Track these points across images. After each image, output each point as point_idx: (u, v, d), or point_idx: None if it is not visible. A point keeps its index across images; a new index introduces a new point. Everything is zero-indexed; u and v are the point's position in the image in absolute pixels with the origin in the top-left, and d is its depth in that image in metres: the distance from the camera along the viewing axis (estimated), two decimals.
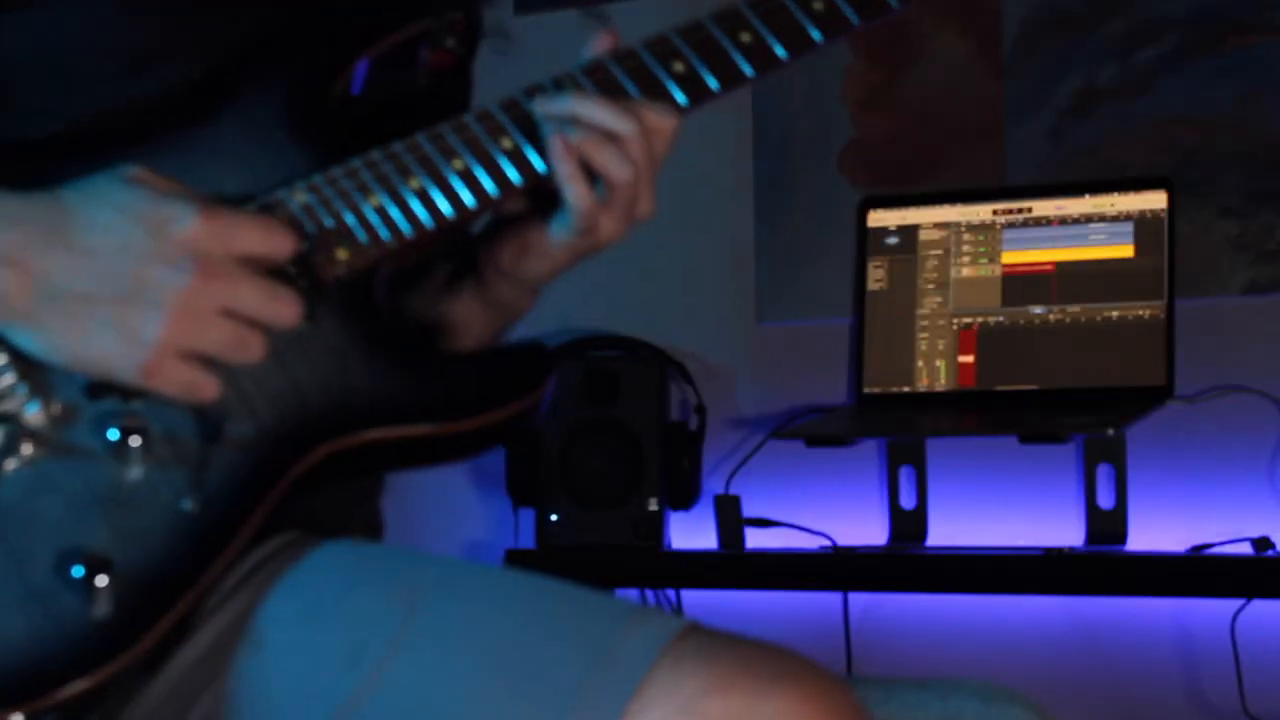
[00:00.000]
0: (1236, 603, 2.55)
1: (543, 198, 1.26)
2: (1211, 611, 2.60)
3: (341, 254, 1.19)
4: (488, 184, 1.23)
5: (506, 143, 1.24)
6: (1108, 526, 2.60)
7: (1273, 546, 2.47)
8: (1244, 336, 2.71)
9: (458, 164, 1.23)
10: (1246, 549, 2.48)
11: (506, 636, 1.13)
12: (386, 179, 1.21)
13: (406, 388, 1.19)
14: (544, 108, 1.23)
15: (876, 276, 2.84)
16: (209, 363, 1.11)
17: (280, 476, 1.15)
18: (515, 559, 2.75)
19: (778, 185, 3.05)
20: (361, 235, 1.19)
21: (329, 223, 1.19)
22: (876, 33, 2.98)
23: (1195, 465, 2.70)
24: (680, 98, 1.26)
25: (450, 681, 1.12)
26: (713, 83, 1.27)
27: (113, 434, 1.11)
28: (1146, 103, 2.79)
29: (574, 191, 1.22)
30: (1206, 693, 2.67)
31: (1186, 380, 2.62)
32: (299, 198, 1.19)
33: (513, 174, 1.23)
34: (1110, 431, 2.49)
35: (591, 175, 1.23)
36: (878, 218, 2.86)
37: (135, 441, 1.11)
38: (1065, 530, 2.68)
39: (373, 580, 1.20)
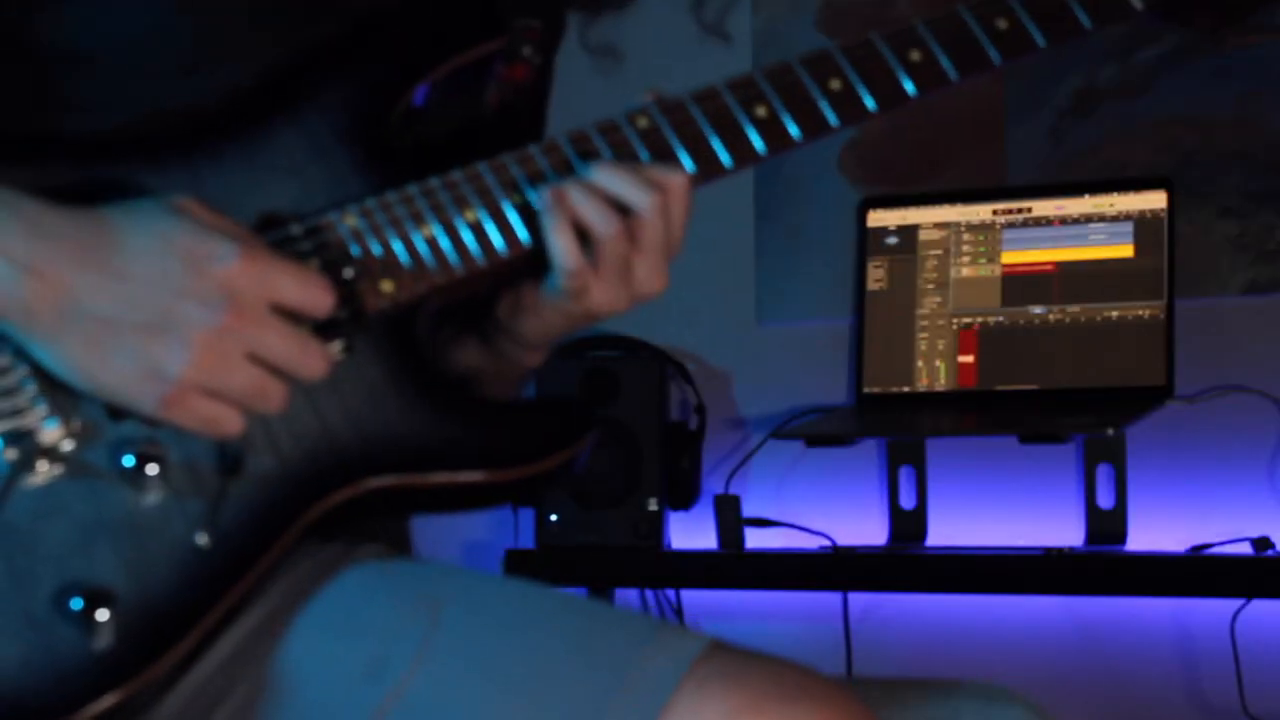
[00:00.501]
0: (1236, 603, 2.55)
1: (539, 254, 1.19)
2: (1211, 611, 2.60)
3: (387, 285, 1.14)
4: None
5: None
6: (1107, 526, 2.60)
7: (1272, 546, 2.47)
8: (1244, 336, 2.71)
9: (517, 198, 1.17)
10: (1246, 549, 2.48)
11: (530, 653, 1.12)
12: (442, 209, 1.16)
13: (440, 434, 1.15)
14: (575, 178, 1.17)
15: (876, 276, 2.84)
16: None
17: (298, 516, 1.12)
18: (515, 559, 2.75)
19: (778, 185, 3.05)
20: (410, 267, 1.15)
21: (377, 250, 1.14)
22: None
23: (1195, 465, 2.70)
24: (759, 145, 1.21)
25: (473, 698, 1.11)
26: (794, 130, 1.21)
27: (128, 460, 1.08)
28: (1146, 103, 2.79)
29: (559, 246, 1.16)
30: (1206, 693, 2.67)
31: (1186, 380, 2.62)
32: (349, 221, 1.15)
33: None
34: (1110, 431, 2.49)
35: (584, 236, 1.17)
36: (878, 218, 2.86)
37: (152, 469, 1.08)
38: (1065, 530, 2.68)
39: (394, 593, 1.18)
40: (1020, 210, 2.76)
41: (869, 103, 1.23)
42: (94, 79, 1.20)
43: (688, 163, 1.20)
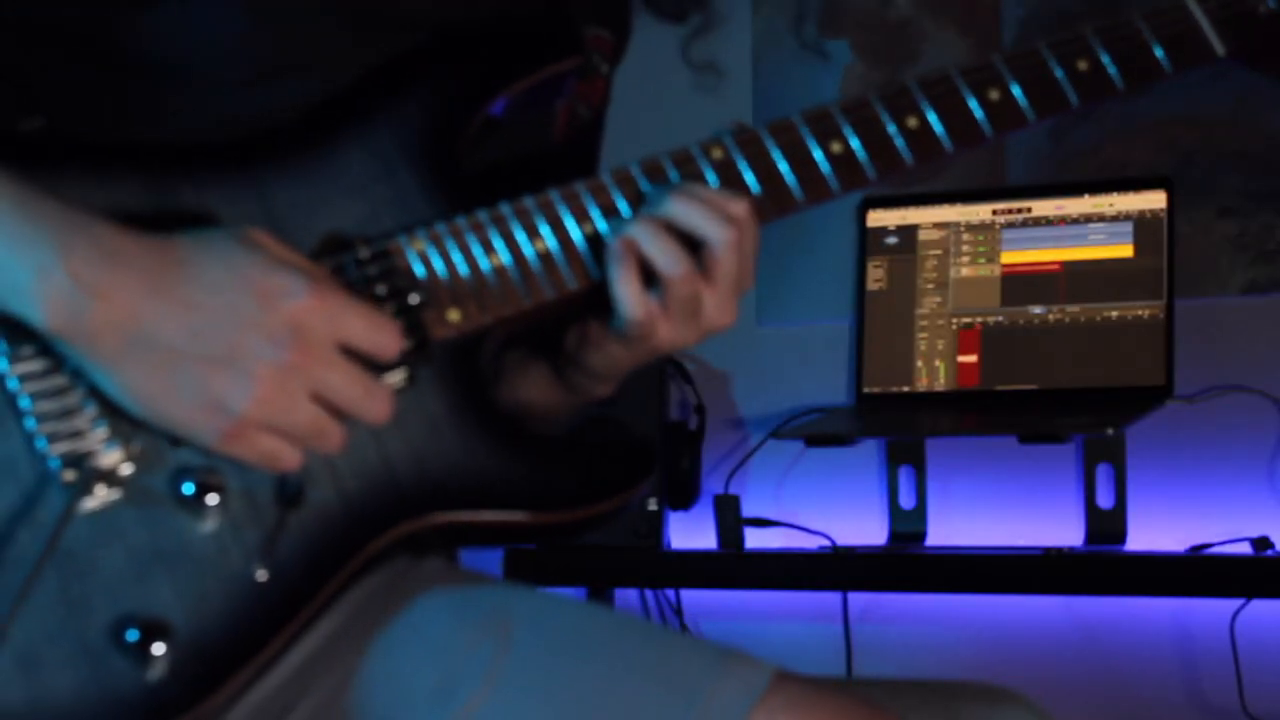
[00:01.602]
0: (1236, 603, 2.55)
1: (605, 289, 1.16)
2: (1211, 611, 2.60)
3: (453, 315, 1.12)
4: None
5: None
6: (1107, 526, 2.60)
7: (1272, 546, 2.47)
8: (1244, 336, 2.71)
9: (589, 229, 1.14)
10: (1246, 549, 2.48)
11: (600, 679, 1.10)
12: (512, 238, 1.13)
13: (501, 470, 1.12)
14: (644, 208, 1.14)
15: (876, 276, 2.84)
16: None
17: (358, 551, 1.10)
18: (515, 558, 2.75)
19: None
20: (477, 297, 1.12)
21: (444, 278, 1.12)
22: (875, 32, 2.98)
23: (1195, 465, 2.70)
24: (832, 181, 1.19)
25: None
26: (868, 168, 1.19)
27: (188, 488, 1.06)
28: (1146, 103, 2.79)
29: (624, 295, 1.13)
30: (1206, 693, 2.67)
31: (1186, 380, 2.62)
32: (417, 246, 1.12)
33: None
34: (1110, 431, 2.49)
35: (650, 278, 1.14)
36: (877, 218, 2.86)
37: (212, 500, 1.06)
38: (1065, 530, 2.68)
39: (465, 614, 1.16)
40: (1020, 210, 2.76)
41: (945, 142, 1.20)
42: (170, 88, 1.18)
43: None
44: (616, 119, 1.44)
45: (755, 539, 2.76)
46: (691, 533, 2.85)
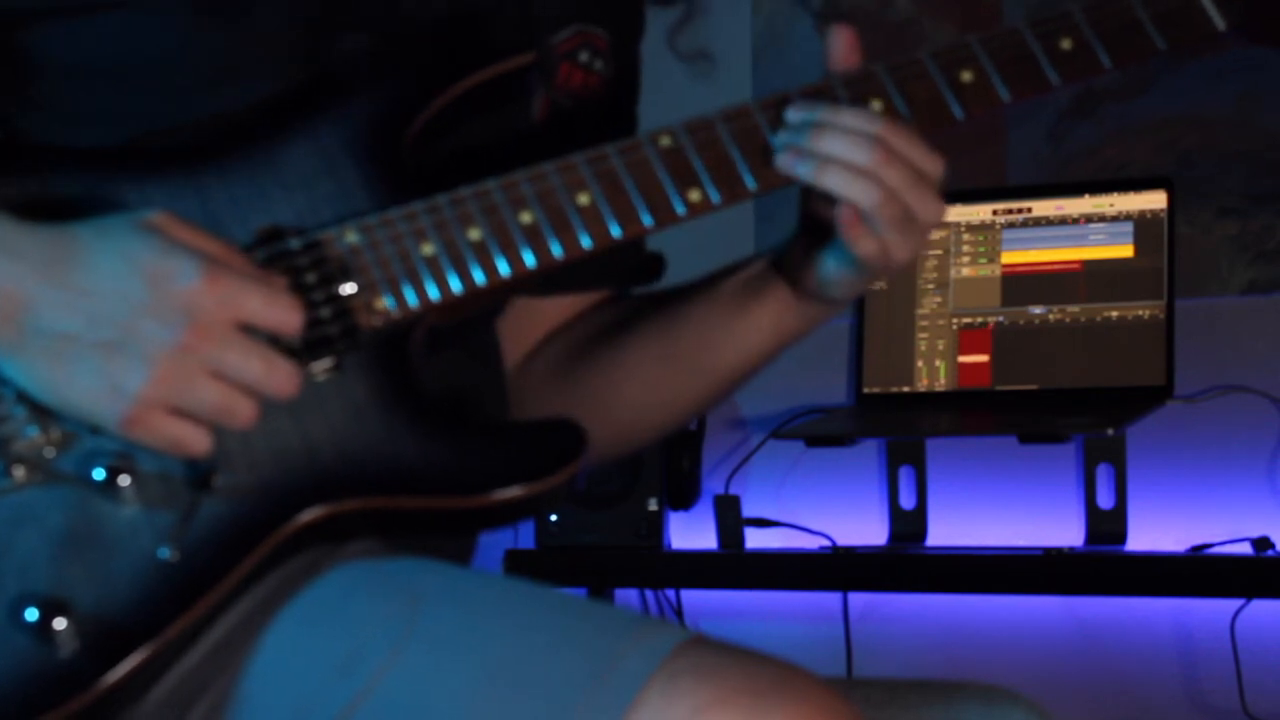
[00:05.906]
0: (1236, 603, 2.55)
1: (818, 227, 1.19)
2: (1211, 611, 2.60)
3: (380, 304, 1.12)
4: (554, 245, 1.14)
5: (584, 199, 1.14)
6: (1107, 526, 2.60)
7: (1273, 546, 2.47)
8: (1244, 336, 2.71)
9: (525, 218, 1.14)
10: (1246, 549, 2.48)
11: (507, 646, 1.10)
12: (444, 227, 1.13)
13: (424, 456, 1.13)
14: (794, 116, 1.16)
15: None
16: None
17: (268, 534, 1.11)
18: (515, 559, 2.75)
19: None
20: (406, 286, 1.13)
21: (374, 267, 1.12)
22: (874, 32, 2.99)
23: (1195, 465, 2.70)
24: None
25: (446, 691, 1.09)
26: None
27: (98, 474, 1.08)
28: (1146, 103, 2.79)
29: (857, 240, 1.18)
30: (1206, 693, 2.67)
31: (1186, 380, 2.62)
32: (349, 237, 1.13)
33: (584, 237, 1.14)
34: (1110, 431, 2.49)
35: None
36: None
37: (124, 481, 1.08)
38: (1065, 530, 2.68)
39: (374, 589, 1.16)
40: (1020, 210, 2.76)
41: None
42: (114, 91, 1.20)
43: (713, 193, 1.18)
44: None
45: (756, 539, 2.76)
46: (692, 533, 2.85)
